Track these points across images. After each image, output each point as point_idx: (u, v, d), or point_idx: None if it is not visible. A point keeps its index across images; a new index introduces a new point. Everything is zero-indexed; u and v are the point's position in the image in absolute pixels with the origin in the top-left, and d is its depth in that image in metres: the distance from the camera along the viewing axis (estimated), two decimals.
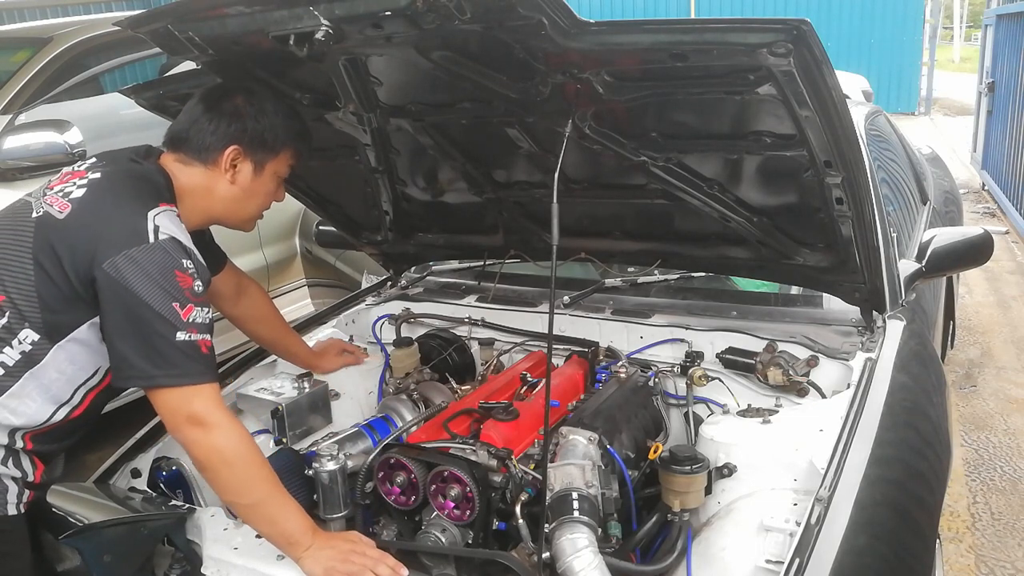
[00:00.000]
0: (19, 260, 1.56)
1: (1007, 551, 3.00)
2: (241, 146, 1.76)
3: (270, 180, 1.84)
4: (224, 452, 1.55)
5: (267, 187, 1.85)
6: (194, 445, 1.56)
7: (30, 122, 3.64)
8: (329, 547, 1.59)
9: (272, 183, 1.85)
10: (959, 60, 27.59)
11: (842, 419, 1.76)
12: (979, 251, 2.54)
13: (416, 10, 1.51)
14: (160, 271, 1.51)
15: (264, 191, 1.85)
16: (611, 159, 2.06)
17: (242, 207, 1.84)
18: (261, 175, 1.81)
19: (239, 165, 1.77)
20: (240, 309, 2.25)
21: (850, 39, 14.52)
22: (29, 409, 1.59)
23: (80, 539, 1.64)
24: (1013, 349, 4.88)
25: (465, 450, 1.81)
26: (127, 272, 1.49)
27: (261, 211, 1.91)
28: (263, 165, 1.80)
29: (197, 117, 1.76)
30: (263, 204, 1.89)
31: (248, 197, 1.82)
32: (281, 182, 1.89)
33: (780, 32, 1.46)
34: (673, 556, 1.67)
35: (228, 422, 1.58)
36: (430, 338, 2.56)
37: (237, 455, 1.56)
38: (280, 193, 1.92)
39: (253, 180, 1.80)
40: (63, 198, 1.61)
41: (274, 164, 1.83)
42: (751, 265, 2.33)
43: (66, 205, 1.59)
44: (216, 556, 1.67)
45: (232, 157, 1.75)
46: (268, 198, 1.88)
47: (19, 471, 1.61)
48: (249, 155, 1.78)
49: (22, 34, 4.77)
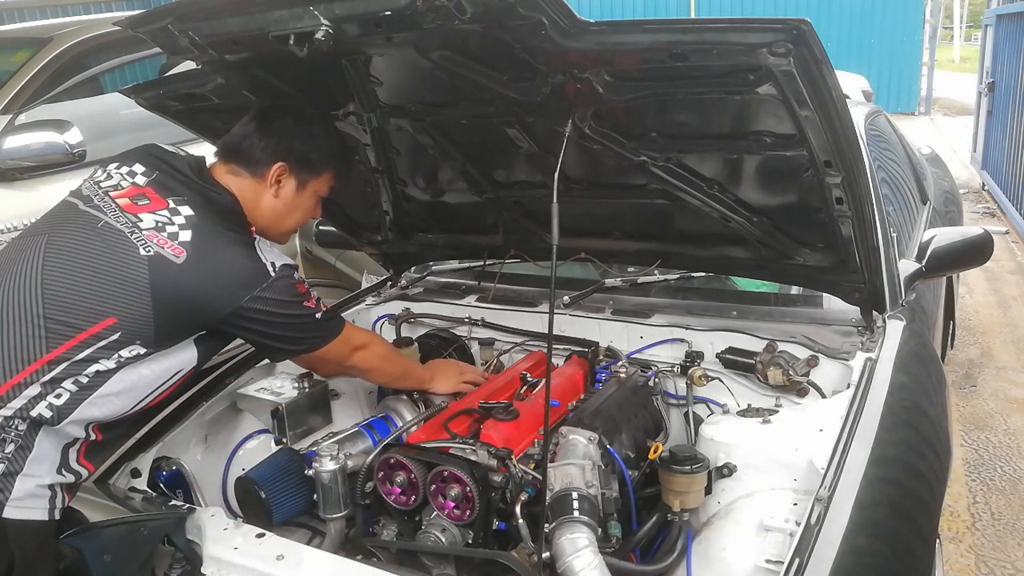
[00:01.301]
0: (136, 296, 1.61)
1: (1007, 551, 3.00)
2: (287, 163, 1.86)
3: (310, 198, 1.95)
4: (382, 356, 2.09)
5: (307, 204, 1.95)
6: (364, 362, 2.01)
7: (30, 122, 3.65)
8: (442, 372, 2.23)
9: (312, 201, 1.96)
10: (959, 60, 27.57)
11: (842, 419, 1.76)
12: (979, 251, 2.54)
13: (416, 10, 1.51)
14: (289, 294, 1.75)
15: (303, 207, 1.95)
16: (611, 159, 2.06)
17: (282, 221, 1.93)
18: (303, 193, 1.91)
19: (284, 181, 1.87)
20: None
21: (850, 39, 14.51)
22: (113, 405, 1.64)
23: (80, 539, 1.65)
24: (1013, 349, 4.88)
25: (465, 450, 1.81)
26: (266, 306, 1.71)
27: (299, 226, 2.01)
28: (306, 183, 1.91)
29: (250, 132, 1.86)
30: (301, 220, 1.99)
31: (289, 212, 1.92)
32: (319, 200, 1.99)
33: (780, 32, 1.46)
34: (673, 556, 1.67)
35: (372, 337, 2.12)
36: (430, 338, 2.56)
37: (387, 354, 2.13)
38: (318, 210, 2.02)
39: (295, 196, 1.90)
40: (170, 239, 1.65)
41: (316, 183, 1.93)
42: (751, 265, 2.33)
43: (180, 250, 1.65)
44: (216, 556, 1.67)
45: (278, 173, 1.86)
46: (307, 214, 1.98)
47: (71, 477, 1.64)
48: (294, 173, 1.88)
49: (22, 34, 4.77)
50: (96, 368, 1.59)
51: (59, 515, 1.63)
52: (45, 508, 1.59)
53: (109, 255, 1.63)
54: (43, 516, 1.59)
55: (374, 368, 2.07)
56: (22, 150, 3.56)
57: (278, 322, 1.76)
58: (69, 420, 1.58)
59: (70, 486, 1.66)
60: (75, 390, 1.57)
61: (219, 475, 2.16)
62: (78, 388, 1.58)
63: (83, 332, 1.57)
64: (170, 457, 2.05)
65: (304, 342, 1.86)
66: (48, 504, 1.60)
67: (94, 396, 1.60)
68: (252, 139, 1.86)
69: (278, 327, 1.77)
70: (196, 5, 1.75)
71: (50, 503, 1.60)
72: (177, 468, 2.04)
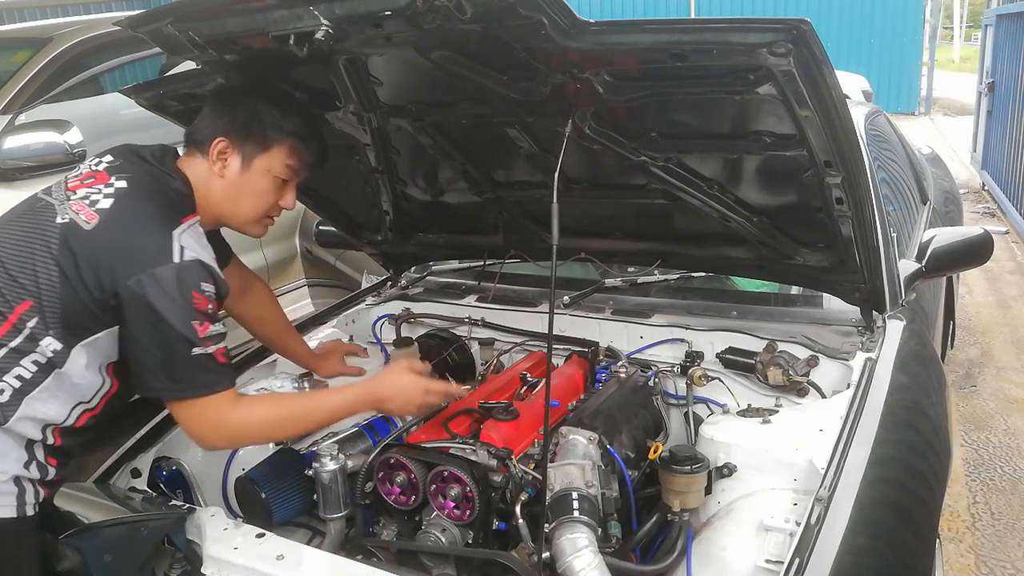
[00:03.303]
0: (45, 266, 1.55)
1: (1007, 551, 3.00)
2: (228, 138, 1.72)
3: (260, 178, 1.75)
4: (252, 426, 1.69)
5: (258, 185, 1.75)
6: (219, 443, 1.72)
7: (30, 122, 3.64)
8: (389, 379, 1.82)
9: (264, 181, 1.76)
10: (959, 60, 27.57)
11: (842, 419, 1.76)
12: (979, 251, 2.54)
13: (416, 10, 1.51)
14: (182, 292, 1.54)
15: (255, 190, 1.76)
16: (611, 159, 2.06)
17: (235, 205, 1.77)
18: (249, 170, 1.74)
19: (229, 158, 1.73)
20: (243, 307, 2.23)
21: (850, 39, 14.51)
22: (53, 408, 1.60)
23: (80, 539, 1.64)
24: (1013, 349, 4.88)
25: (465, 450, 1.81)
26: (150, 290, 1.52)
27: (258, 213, 1.81)
28: (252, 159, 1.73)
29: (204, 113, 1.77)
30: (258, 205, 1.79)
31: (239, 195, 1.75)
32: (283, 185, 1.80)
33: (780, 32, 1.46)
34: (673, 556, 1.67)
35: (237, 415, 1.66)
36: (430, 338, 2.56)
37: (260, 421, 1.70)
38: (287, 199, 1.84)
39: (241, 175, 1.73)
40: (89, 207, 1.60)
41: (265, 159, 1.74)
42: (751, 265, 2.33)
43: (93, 216, 1.58)
44: (216, 556, 1.67)
45: (219, 148, 1.72)
46: (263, 198, 1.78)
47: (38, 473, 1.60)
48: (237, 147, 1.73)
49: (22, 34, 4.76)
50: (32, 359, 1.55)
51: (33, 511, 1.59)
52: (12, 505, 1.56)
53: (33, 230, 1.60)
54: (11, 513, 1.55)
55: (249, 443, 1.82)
56: (22, 150, 3.55)
57: (150, 318, 1.53)
58: (16, 418, 1.54)
59: (42, 482, 1.61)
60: (18, 385, 1.54)
61: (219, 475, 2.15)
62: (20, 383, 1.54)
63: (10, 316, 1.53)
64: (170, 457, 2.05)
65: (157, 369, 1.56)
66: (16, 500, 1.56)
67: (36, 392, 1.56)
68: (202, 118, 1.76)
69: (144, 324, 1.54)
70: (196, 5, 1.75)
71: (18, 499, 1.56)
72: (177, 468, 2.04)
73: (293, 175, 1.80)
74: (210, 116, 1.76)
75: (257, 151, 1.74)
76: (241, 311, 2.24)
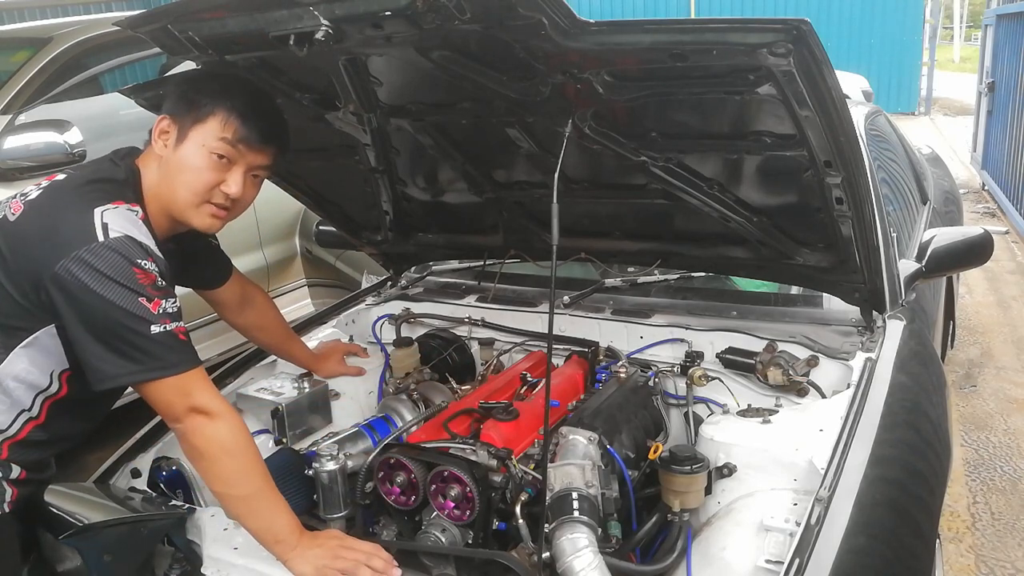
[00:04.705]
0: None
1: (1007, 551, 3.00)
2: (169, 115, 1.64)
3: (196, 152, 1.62)
4: (226, 441, 1.53)
5: (192, 161, 1.62)
6: (195, 433, 1.52)
7: (30, 122, 3.64)
8: (317, 546, 1.57)
9: (199, 157, 1.62)
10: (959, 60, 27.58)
11: (842, 419, 1.76)
12: (979, 251, 2.54)
13: (416, 10, 1.51)
14: (116, 270, 1.43)
15: (189, 166, 1.62)
16: (611, 159, 2.06)
17: (171, 187, 1.63)
18: (184, 143, 1.62)
19: (169, 133, 1.63)
20: (244, 319, 2.23)
21: (850, 39, 14.52)
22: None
23: (80, 539, 1.64)
24: (1013, 349, 4.88)
25: (465, 450, 1.80)
26: (82, 274, 1.42)
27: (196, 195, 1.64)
28: (187, 132, 1.62)
29: None
30: (192, 184, 1.63)
31: (175, 172, 1.62)
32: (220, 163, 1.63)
33: (780, 32, 1.46)
34: (673, 556, 1.67)
35: (230, 411, 1.57)
36: (430, 338, 2.56)
37: (238, 444, 1.55)
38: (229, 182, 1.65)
39: (176, 150, 1.62)
40: (21, 200, 1.56)
41: (200, 132, 1.61)
42: (751, 265, 2.33)
43: (20, 207, 1.54)
44: (216, 556, 1.67)
45: (162, 127, 1.64)
46: (197, 177, 1.62)
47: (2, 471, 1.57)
48: (177, 122, 1.63)
49: (22, 34, 4.76)
50: None
51: (7, 508, 1.57)
52: None
53: None
54: None
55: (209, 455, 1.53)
56: (22, 150, 3.55)
57: (91, 303, 1.42)
58: None
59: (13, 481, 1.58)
60: None
61: None
62: None
63: None
64: (170, 457, 2.05)
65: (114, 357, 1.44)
66: None
67: None
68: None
69: (86, 312, 1.43)
70: (196, 5, 1.75)
71: None
72: (177, 468, 2.04)
73: (231, 151, 1.64)
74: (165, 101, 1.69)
75: (192, 123, 1.63)
76: (243, 322, 2.24)
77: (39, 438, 1.61)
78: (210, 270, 2.07)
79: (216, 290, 2.12)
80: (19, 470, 1.60)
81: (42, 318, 1.51)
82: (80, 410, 1.66)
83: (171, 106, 1.67)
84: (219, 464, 1.54)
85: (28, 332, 1.52)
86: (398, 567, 1.57)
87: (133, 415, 2.08)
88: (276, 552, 1.57)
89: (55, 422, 1.62)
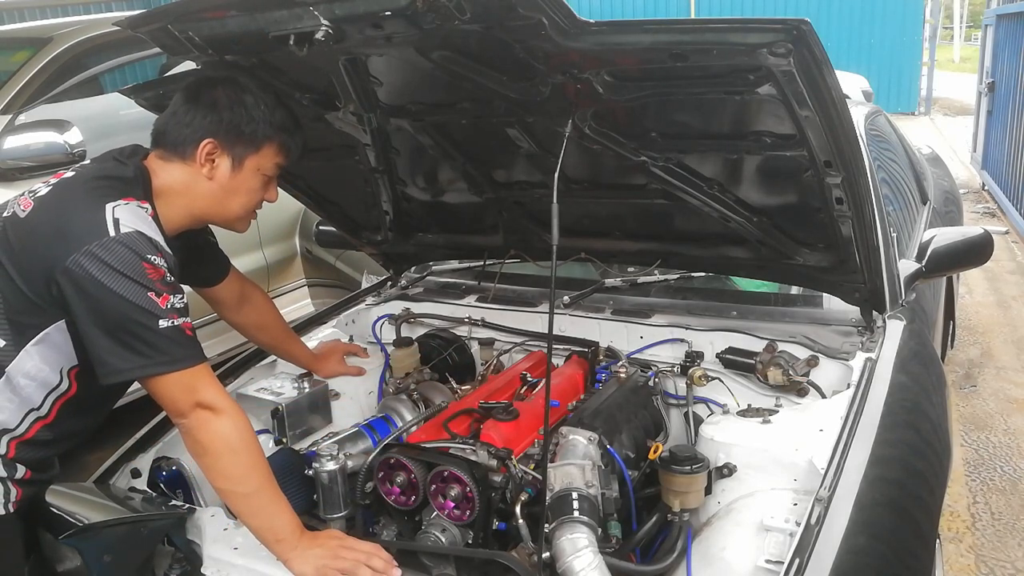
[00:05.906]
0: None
1: (1007, 551, 3.00)
2: (216, 139, 1.67)
3: (252, 177, 1.73)
4: (230, 437, 1.54)
5: (249, 184, 1.73)
6: (200, 429, 1.53)
7: (30, 122, 3.65)
8: (317, 546, 1.58)
9: (255, 180, 1.74)
10: (959, 60, 27.58)
11: (842, 419, 1.76)
12: (979, 251, 2.54)
13: (416, 10, 1.51)
14: (126, 264, 1.45)
15: (246, 188, 1.74)
16: (611, 159, 2.06)
17: (224, 206, 1.73)
18: (240, 171, 1.71)
19: (217, 160, 1.68)
20: (243, 317, 2.23)
21: (850, 39, 14.51)
22: (3, 413, 1.56)
23: (80, 539, 1.64)
24: (1013, 349, 4.88)
25: (465, 450, 1.80)
26: (92, 268, 1.44)
27: (248, 210, 1.79)
28: (242, 160, 1.70)
29: (176, 110, 1.69)
30: (248, 203, 1.77)
31: (229, 195, 1.72)
32: (269, 180, 1.78)
33: (780, 32, 1.46)
34: (673, 556, 1.67)
35: (235, 408, 1.58)
36: (430, 338, 2.56)
37: (242, 441, 1.56)
38: (271, 192, 1.81)
39: (232, 176, 1.70)
40: (30, 196, 1.58)
41: (256, 159, 1.72)
42: (751, 265, 2.33)
43: (30, 203, 1.56)
44: (216, 556, 1.67)
45: (207, 151, 1.67)
46: (253, 196, 1.76)
47: (5, 471, 1.58)
48: (226, 149, 1.68)
49: (22, 34, 4.77)
50: None
51: (12, 508, 1.58)
52: None
53: None
54: None
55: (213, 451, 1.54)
56: (22, 150, 3.55)
57: (100, 297, 1.44)
58: None
59: (18, 481, 1.59)
60: None
61: None
62: None
63: None
64: (170, 457, 2.05)
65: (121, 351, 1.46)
66: None
67: None
68: (178, 117, 1.67)
69: (95, 305, 1.45)
70: (196, 5, 1.75)
71: None
72: (177, 468, 2.04)
73: (282, 169, 1.80)
74: (189, 115, 1.67)
75: (248, 152, 1.70)
76: (242, 320, 2.24)
77: (46, 437, 1.62)
78: (209, 267, 2.08)
79: (214, 288, 2.12)
80: (24, 470, 1.60)
81: (53, 313, 1.52)
82: (87, 408, 1.68)
83: (212, 128, 1.67)
84: (223, 460, 1.55)
85: (39, 329, 1.54)
86: (398, 567, 1.58)
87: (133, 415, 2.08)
88: (276, 551, 1.58)
89: (63, 421, 1.63)
